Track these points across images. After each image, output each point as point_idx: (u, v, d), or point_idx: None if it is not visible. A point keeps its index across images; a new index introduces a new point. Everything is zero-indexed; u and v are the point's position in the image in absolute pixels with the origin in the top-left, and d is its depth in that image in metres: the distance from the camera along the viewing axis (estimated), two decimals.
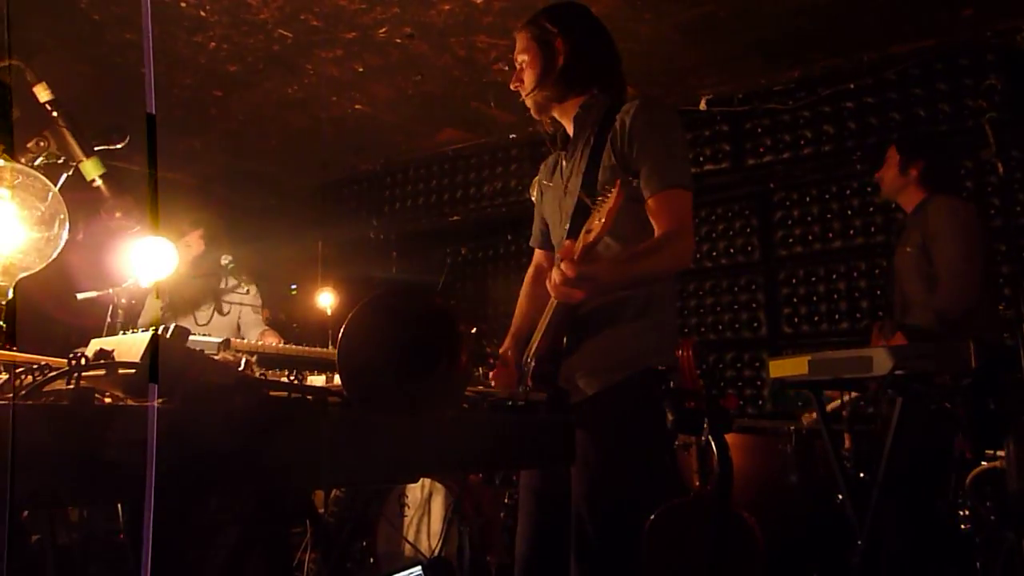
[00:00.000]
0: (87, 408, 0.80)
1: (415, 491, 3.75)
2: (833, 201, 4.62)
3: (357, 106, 5.08)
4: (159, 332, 0.98)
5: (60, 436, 0.81)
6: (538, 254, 2.37)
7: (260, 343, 3.26)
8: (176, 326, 1.02)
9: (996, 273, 3.19)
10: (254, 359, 1.29)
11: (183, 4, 3.88)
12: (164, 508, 0.92)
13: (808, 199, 4.70)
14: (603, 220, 1.54)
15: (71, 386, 0.84)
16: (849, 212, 4.55)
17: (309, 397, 1.02)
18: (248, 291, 4.15)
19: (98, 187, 1.65)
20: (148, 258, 2.75)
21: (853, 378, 2.72)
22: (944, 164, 3.24)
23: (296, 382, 1.08)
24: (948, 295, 2.89)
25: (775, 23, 4.06)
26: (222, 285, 4.07)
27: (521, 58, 2.09)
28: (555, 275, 1.65)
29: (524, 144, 5.49)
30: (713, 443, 1.47)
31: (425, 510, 3.81)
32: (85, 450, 0.81)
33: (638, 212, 1.90)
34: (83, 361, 0.88)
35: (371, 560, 3.87)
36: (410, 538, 3.76)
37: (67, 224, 1.37)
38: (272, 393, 1.02)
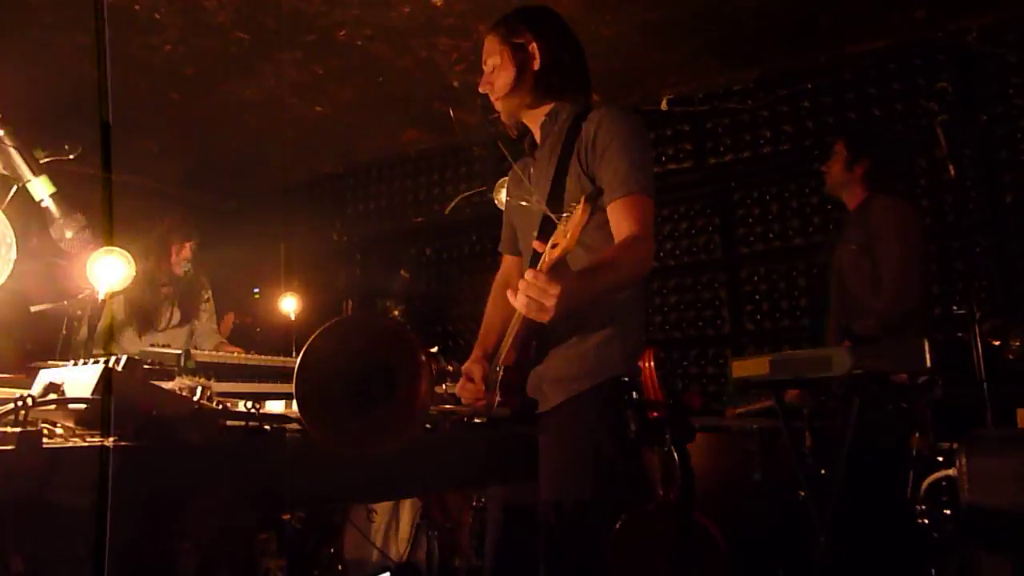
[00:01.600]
0: (34, 452, 0.78)
1: None
2: (793, 199, 4.68)
3: (318, 108, 5.03)
4: (111, 365, 0.96)
5: (7, 479, 0.79)
6: (506, 260, 2.32)
7: (220, 353, 3.22)
8: (128, 358, 1.00)
9: (929, 272, 3.26)
10: (211, 382, 1.27)
11: (136, 7, 3.80)
12: (122, 539, 0.90)
13: (768, 197, 4.76)
14: (569, 235, 1.52)
15: (18, 428, 0.82)
16: (808, 210, 4.62)
17: (267, 427, 1.01)
18: (208, 298, 4.09)
19: (47, 207, 1.60)
20: (103, 270, 2.70)
21: (813, 378, 2.77)
22: (889, 164, 3.30)
23: (254, 410, 1.06)
24: (891, 298, 2.94)
25: (733, 24, 4.10)
26: (192, 294, 4.00)
27: (492, 61, 2.05)
28: (521, 291, 1.58)
29: (487, 144, 5.48)
30: (676, 453, 1.48)
31: (393, 516, 3.80)
32: (34, 493, 0.79)
33: (602, 221, 1.90)
34: (29, 401, 0.86)
35: (339, 567, 3.84)
36: (378, 544, 3.74)
37: (14, 247, 1.33)
38: (229, 424, 1.00)
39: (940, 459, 2.59)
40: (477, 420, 1.36)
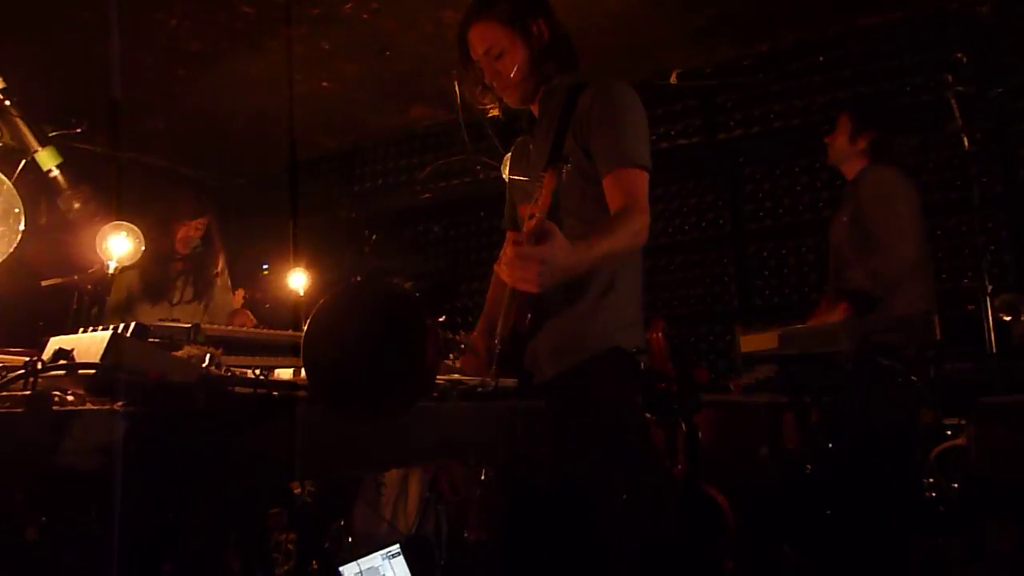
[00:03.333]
0: (44, 414, 0.79)
1: (392, 471, 3.76)
2: (802, 174, 4.65)
3: (324, 83, 5.00)
4: (119, 331, 0.96)
5: (18, 443, 0.80)
6: (510, 237, 2.33)
7: (230, 326, 3.23)
8: (136, 324, 1.01)
9: (928, 246, 3.21)
10: (220, 351, 1.27)
11: None
12: (131, 507, 0.91)
13: (778, 172, 4.72)
14: (539, 203, 1.53)
15: (27, 392, 0.83)
16: (818, 185, 4.59)
17: (275, 393, 1.01)
18: (217, 273, 4.09)
19: (54, 178, 1.60)
20: (113, 245, 2.70)
21: (822, 352, 2.76)
22: (893, 136, 3.25)
23: (263, 377, 1.07)
24: (885, 255, 2.90)
25: None
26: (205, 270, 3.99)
27: (497, 49, 1.99)
28: (506, 262, 1.54)
29: (495, 120, 5.44)
30: (683, 425, 1.48)
31: (402, 489, 3.83)
32: (44, 457, 0.80)
33: (599, 193, 1.88)
34: (39, 365, 0.86)
35: (349, 540, 3.88)
36: (388, 517, 3.78)
37: (23, 218, 1.33)
38: (238, 390, 1.01)
39: (948, 432, 2.59)
40: (481, 390, 1.37)
